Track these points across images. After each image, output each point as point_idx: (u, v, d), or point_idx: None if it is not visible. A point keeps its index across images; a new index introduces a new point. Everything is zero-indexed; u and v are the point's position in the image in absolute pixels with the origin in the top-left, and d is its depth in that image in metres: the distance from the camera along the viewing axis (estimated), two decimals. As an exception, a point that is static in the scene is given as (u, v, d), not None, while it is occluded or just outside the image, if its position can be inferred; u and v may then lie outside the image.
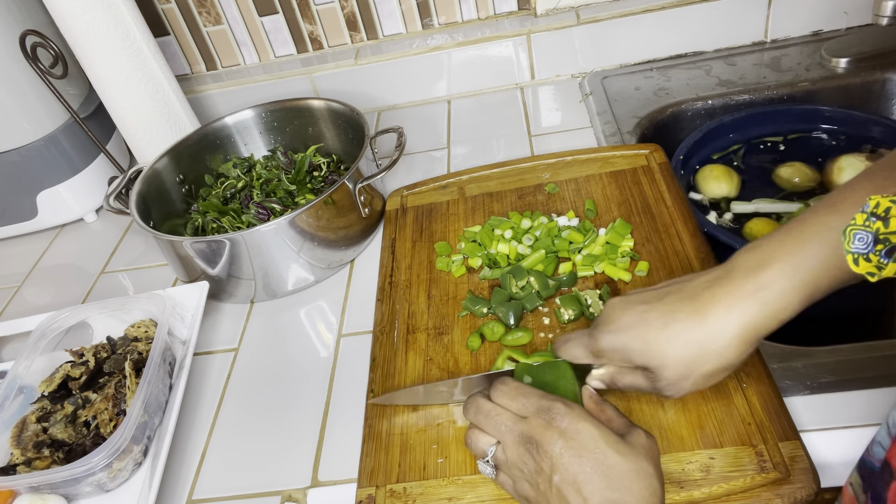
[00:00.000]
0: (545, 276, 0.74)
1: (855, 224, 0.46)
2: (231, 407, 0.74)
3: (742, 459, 0.55)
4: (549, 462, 0.48)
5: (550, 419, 0.49)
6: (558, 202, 0.86)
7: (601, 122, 1.01)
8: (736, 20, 1.07)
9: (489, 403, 0.54)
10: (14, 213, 1.05)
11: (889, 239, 0.44)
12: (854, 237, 0.45)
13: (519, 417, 0.51)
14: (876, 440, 0.50)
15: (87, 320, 0.81)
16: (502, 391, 0.54)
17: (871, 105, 1.01)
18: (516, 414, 0.52)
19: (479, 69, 1.14)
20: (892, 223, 0.44)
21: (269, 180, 0.98)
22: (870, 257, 0.45)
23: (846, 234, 0.46)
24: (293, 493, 0.64)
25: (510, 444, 0.51)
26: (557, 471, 0.48)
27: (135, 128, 1.00)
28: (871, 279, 0.46)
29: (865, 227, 0.45)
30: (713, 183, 0.90)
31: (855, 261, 0.46)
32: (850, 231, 0.46)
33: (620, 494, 0.46)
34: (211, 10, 1.14)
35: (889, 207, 0.44)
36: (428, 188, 0.94)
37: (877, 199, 0.45)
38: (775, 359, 0.63)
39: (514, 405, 0.52)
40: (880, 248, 0.44)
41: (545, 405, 0.51)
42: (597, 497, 0.46)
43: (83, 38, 0.91)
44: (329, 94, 1.17)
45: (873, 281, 0.46)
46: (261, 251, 0.80)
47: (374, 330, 0.76)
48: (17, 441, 0.67)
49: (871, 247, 0.45)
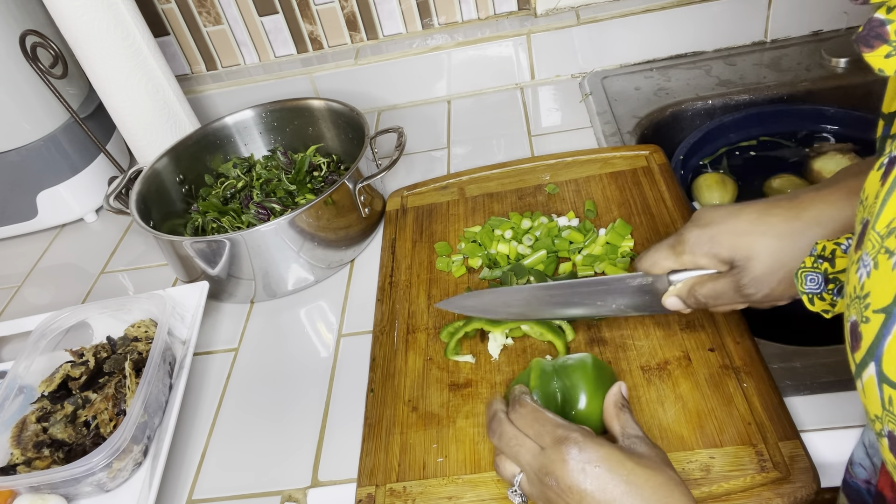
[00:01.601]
0: (545, 276, 0.74)
1: (805, 266, 0.48)
2: (231, 407, 0.74)
3: (742, 459, 0.55)
4: (575, 497, 0.46)
5: (566, 452, 0.47)
6: (558, 203, 0.86)
7: (601, 122, 1.01)
8: (736, 20, 1.07)
9: (511, 429, 0.52)
10: (14, 213, 1.05)
11: (838, 278, 0.47)
12: (806, 278, 0.48)
13: (538, 448, 0.50)
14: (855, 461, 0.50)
15: (87, 320, 0.81)
16: (520, 413, 0.52)
17: (871, 105, 1.01)
18: (535, 441, 0.50)
19: (479, 69, 1.14)
20: (837, 263, 0.47)
21: (269, 180, 0.98)
22: (823, 296, 0.48)
23: (798, 276, 0.49)
24: (293, 493, 0.64)
25: (532, 478, 0.50)
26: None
27: (135, 128, 1.00)
28: (826, 316, 0.49)
29: (814, 269, 0.48)
30: (707, 192, 0.90)
31: (810, 300, 0.49)
32: (801, 273, 0.48)
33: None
34: (211, 10, 1.14)
35: (834, 249, 0.47)
36: (428, 188, 0.94)
37: (822, 243, 0.48)
38: (775, 359, 0.63)
39: (532, 432, 0.51)
40: (832, 287, 0.48)
41: (560, 435, 0.49)
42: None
43: (83, 38, 0.91)
44: (329, 94, 1.17)
45: (828, 318, 0.49)
46: (261, 251, 0.80)
47: (374, 330, 0.76)
48: (17, 441, 0.67)
49: (823, 286, 0.48)
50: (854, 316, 0.33)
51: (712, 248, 0.53)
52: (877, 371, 0.31)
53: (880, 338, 0.30)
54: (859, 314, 0.32)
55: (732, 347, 0.63)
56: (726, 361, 0.62)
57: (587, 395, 0.57)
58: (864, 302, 0.32)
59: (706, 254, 0.54)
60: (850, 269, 0.35)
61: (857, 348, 0.33)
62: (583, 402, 0.57)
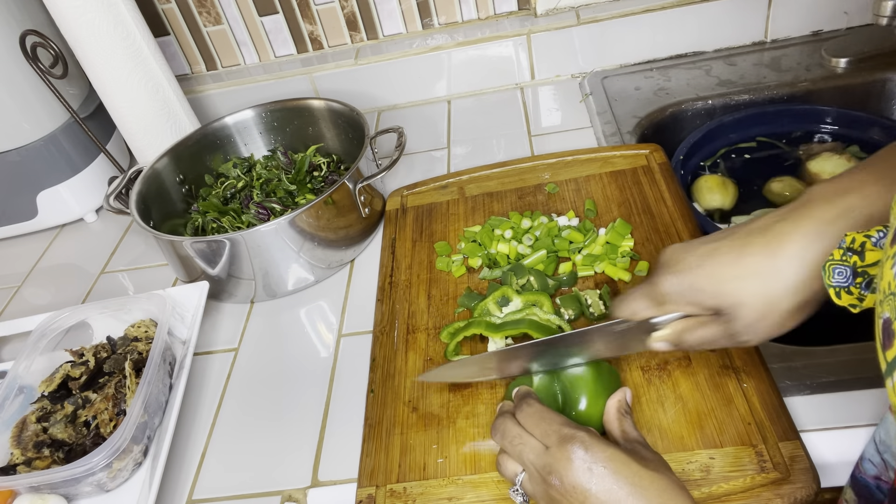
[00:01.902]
0: (545, 276, 0.74)
1: (833, 259, 0.46)
2: (231, 407, 0.74)
3: (742, 459, 0.55)
4: (580, 497, 0.46)
5: (571, 452, 0.47)
6: (558, 202, 0.86)
7: (601, 122, 1.01)
8: (736, 20, 1.07)
9: (514, 428, 0.52)
10: (14, 213, 1.05)
11: (867, 272, 0.45)
12: (833, 272, 0.46)
13: (542, 447, 0.49)
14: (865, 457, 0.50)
15: (87, 320, 0.81)
16: (526, 413, 0.52)
17: (871, 105, 1.01)
18: (540, 441, 0.50)
19: (479, 69, 1.14)
20: (867, 256, 0.45)
21: (269, 180, 0.98)
22: (851, 290, 0.46)
23: (826, 269, 0.46)
24: (293, 493, 0.64)
25: (534, 476, 0.50)
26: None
27: (135, 128, 1.00)
28: (853, 311, 0.47)
29: (843, 262, 0.46)
30: (707, 194, 0.90)
31: (837, 294, 0.46)
32: (829, 266, 0.46)
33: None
34: (211, 10, 1.14)
35: (864, 242, 0.45)
36: (428, 188, 0.94)
37: (852, 235, 0.46)
38: (775, 359, 0.63)
39: (538, 431, 0.50)
40: (860, 280, 0.45)
41: (567, 435, 0.48)
42: None
43: (83, 38, 0.91)
44: (329, 94, 1.17)
45: (855, 312, 0.47)
46: (261, 251, 0.80)
47: (374, 330, 0.76)
48: (17, 441, 0.67)
49: (851, 280, 0.46)
50: (888, 313, 0.32)
51: (695, 298, 0.50)
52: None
53: None
54: (894, 312, 0.31)
55: (732, 348, 0.63)
56: (726, 362, 0.62)
57: (588, 396, 0.57)
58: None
59: (689, 302, 0.51)
60: (886, 264, 0.33)
61: (889, 346, 0.31)
62: (583, 403, 0.57)
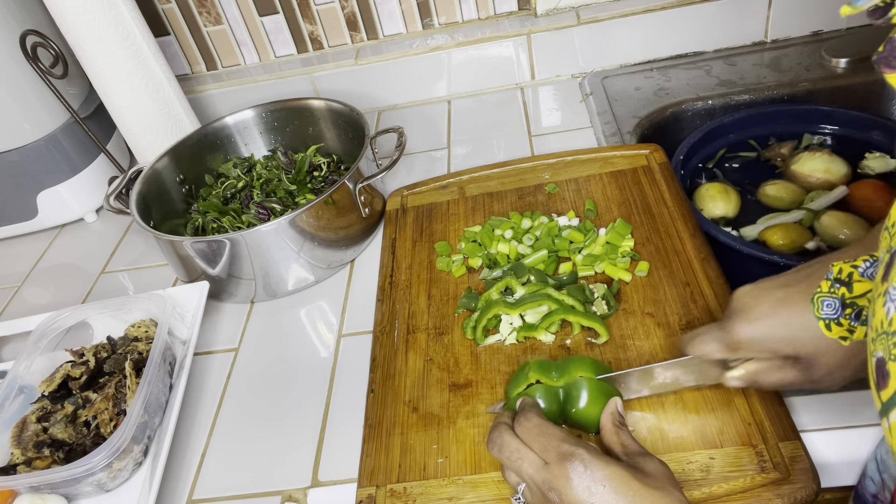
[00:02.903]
0: (545, 275, 0.74)
1: (821, 292, 0.46)
2: (231, 407, 0.74)
3: (742, 459, 0.55)
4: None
5: (572, 470, 0.46)
6: (558, 202, 0.86)
7: (601, 122, 1.01)
8: (736, 20, 1.07)
9: (513, 441, 0.51)
10: (14, 213, 1.05)
11: (856, 303, 0.45)
12: (822, 304, 0.46)
13: (542, 462, 0.49)
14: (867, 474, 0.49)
15: (87, 320, 0.81)
16: (525, 427, 0.51)
17: (871, 105, 1.01)
18: (539, 456, 0.49)
19: (480, 69, 1.14)
20: (855, 287, 0.44)
21: (270, 180, 0.98)
22: (840, 321, 0.45)
23: (814, 301, 0.46)
24: (293, 493, 0.64)
25: (535, 490, 0.49)
26: None
27: (135, 128, 1.00)
28: (843, 343, 0.46)
29: (831, 294, 0.45)
30: (710, 203, 0.89)
31: (827, 326, 0.46)
32: (817, 298, 0.46)
33: None
34: (211, 10, 1.14)
35: (851, 273, 0.44)
36: (428, 188, 0.94)
37: (839, 266, 0.45)
38: (775, 359, 0.63)
39: (537, 446, 0.50)
40: (849, 311, 0.45)
41: (566, 452, 0.48)
42: None
43: (83, 38, 0.91)
44: (329, 94, 1.17)
45: (846, 345, 0.46)
46: (261, 251, 0.80)
47: (374, 330, 0.76)
48: (18, 441, 0.67)
49: (840, 311, 0.45)
50: (881, 352, 0.31)
51: (771, 347, 0.49)
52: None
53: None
54: (887, 351, 0.30)
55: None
56: (726, 362, 0.62)
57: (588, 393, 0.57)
58: (893, 339, 0.30)
59: (764, 351, 0.50)
60: (877, 301, 0.32)
61: (884, 386, 0.31)
62: (584, 401, 0.57)
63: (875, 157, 0.91)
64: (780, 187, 0.90)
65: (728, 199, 0.89)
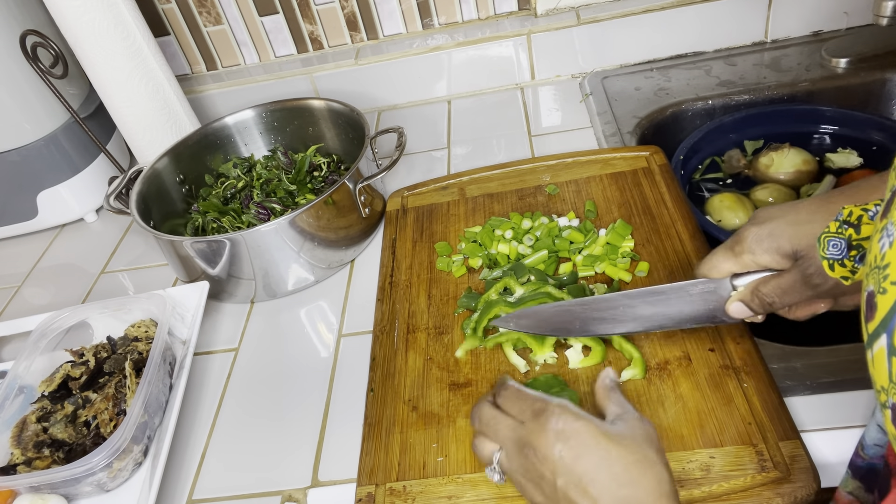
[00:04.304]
0: (545, 275, 0.74)
1: (829, 232, 0.47)
2: (231, 407, 0.74)
3: (742, 459, 0.55)
4: (550, 466, 0.47)
5: (545, 422, 0.48)
6: (559, 203, 0.86)
7: (601, 122, 1.01)
8: (736, 20, 1.07)
9: (491, 410, 0.52)
10: (14, 213, 1.05)
11: (862, 245, 0.46)
12: (829, 244, 0.47)
13: (518, 423, 0.50)
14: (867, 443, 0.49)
15: (87, 320, 0.81)
16: (504, 395, 0.53)
17: (871, 105, 1.01)
18: (516, 418, 0.51)
19: (480, 69, 1.14)
20: (863, 230, 0.46)
21: (270, 180, 0.98)
22: (844, 262, 0.47)
23: (821, 240, 0.48)
24: (293, 493, 0.64)
25: (511, 451, 0.50)
26: (560, 474, 0.46)
27: (135, 128, 1.00)
28: (845, 283, 0.48)
29: (838, 235, 0.47)
30: (728, 213, 0.88)
31: (830, 266, 0.48)
32: (824, 238, 0.48)
33: (630, 490, 0.45)
34: (211, 10, 1.14)
35: (861, 216, 0.46)
36: (428, 189, 0.94)
37: (850, 209, 0.47)
38: (775, 359, 0.63)
39: (514, 409, 0.51)
40: (854, 253, 0.47)
41: (539, 407, 0.49)
42: (606, 497, 0.45)
43: (83, 38, 0.91)
44: (329, 94, 1.17)
45: (847, 284, 0.48)
46: (261, 251, 0.80)
47: (374, 330, 0.76)
48: (18, 441, 0.67)
49: (846, 252, 0.47)
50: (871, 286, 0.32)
51: (773, 243, 0.52)
52: (888, 343, 0.30)
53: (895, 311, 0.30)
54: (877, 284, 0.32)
55: (732, 347, 0.63)
56: (726, 361, 0.62)
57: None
58: (884, 272, 0.31)
59: (767, 249, 0.53)
60: (874, 237, 0.34)
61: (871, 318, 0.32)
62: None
63: (839, 153, 0.93)
64: (770, 190, 0.91)
65: (744, 208, 0.89)
